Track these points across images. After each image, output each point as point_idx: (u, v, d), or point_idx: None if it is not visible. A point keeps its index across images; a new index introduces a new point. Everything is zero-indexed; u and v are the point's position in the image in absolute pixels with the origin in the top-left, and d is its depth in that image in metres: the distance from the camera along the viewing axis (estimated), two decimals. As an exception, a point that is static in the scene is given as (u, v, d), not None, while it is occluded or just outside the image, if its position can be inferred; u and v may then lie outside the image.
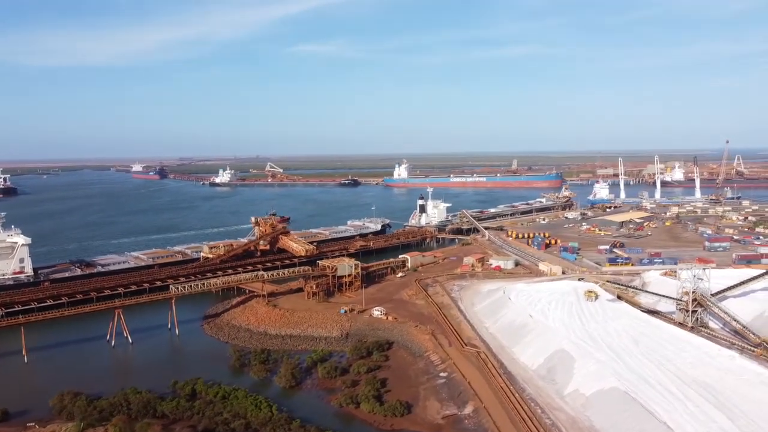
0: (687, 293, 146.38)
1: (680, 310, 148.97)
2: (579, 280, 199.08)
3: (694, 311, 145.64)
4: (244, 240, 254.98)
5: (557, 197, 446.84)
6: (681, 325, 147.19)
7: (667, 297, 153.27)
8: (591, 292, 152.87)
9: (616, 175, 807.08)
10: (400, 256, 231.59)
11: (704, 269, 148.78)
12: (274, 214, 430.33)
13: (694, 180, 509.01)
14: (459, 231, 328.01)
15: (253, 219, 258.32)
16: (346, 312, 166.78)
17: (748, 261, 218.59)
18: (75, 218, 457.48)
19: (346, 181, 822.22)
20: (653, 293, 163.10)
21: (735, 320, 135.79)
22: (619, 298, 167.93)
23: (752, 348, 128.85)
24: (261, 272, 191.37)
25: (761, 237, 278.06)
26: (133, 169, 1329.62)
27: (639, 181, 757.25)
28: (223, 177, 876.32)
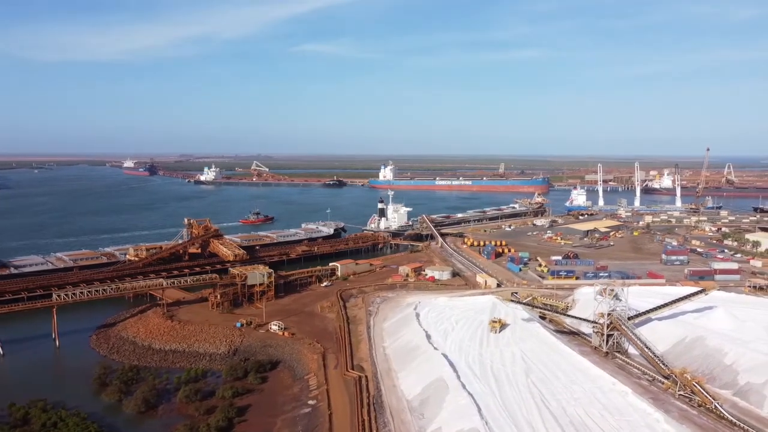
0: (602, 315, 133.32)
1: (596, 333, 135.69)
2: (512, 294, 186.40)
3: (609, 335, 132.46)
4: (170, 243, 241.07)
5: (530, 203, 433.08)
6: (596, 350, 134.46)
7: (581, 319, 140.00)
8: (496, 322, 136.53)
9: (606, 181, 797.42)
10: (330, 264, 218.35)
11: (623, 288, 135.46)
12: (257, 213, 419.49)
13: (683, 187, 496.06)
14: (419, 237, 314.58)
15: (186, 220, 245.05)
16: (242, 325, 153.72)
17: (701, 277, 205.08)
18: (34, 215, 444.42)
19: (331, 182, 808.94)
20: (568, 315, 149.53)
21: (646, 348, 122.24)
22: (542, 317, 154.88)
23: (662, 380, 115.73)
24: (161, 280, 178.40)
25: (726, 250, 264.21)
26: (125, 165, 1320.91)
27: (628, 188, 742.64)
28: (208, 175, 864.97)
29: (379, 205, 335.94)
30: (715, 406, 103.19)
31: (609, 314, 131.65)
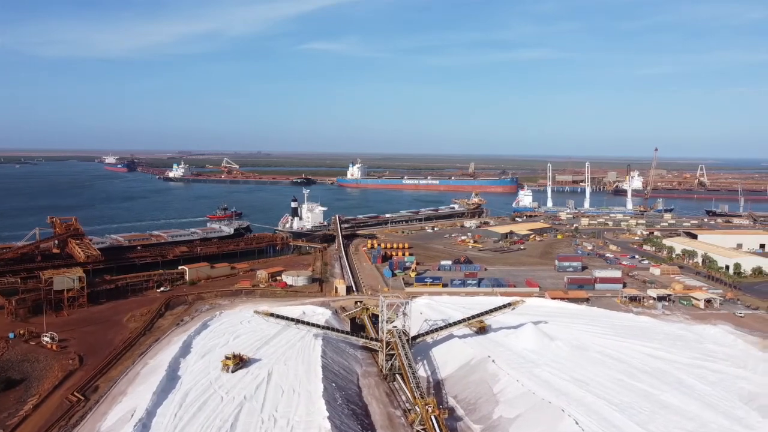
0: (384, 333, 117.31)
1: (380, 352, 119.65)
2: (356, 303, 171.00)
3: (391, 354, 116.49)
4: (20, 243, 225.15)
5: (467, 203, 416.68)
6: (381, 371, 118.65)
7: (357, 336, 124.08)
8: (230, 359, 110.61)
9: (576, 182, 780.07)
10: (179, 267, 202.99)
11: (407, 302, 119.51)
12: (225, 209, 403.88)
13: (657, 189, 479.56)
14: (332, 237, 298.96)
15: (48, 219, 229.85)
16: (15, 337, 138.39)
17: (580, 285, 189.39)
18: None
19: (299, 180, 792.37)
20: (341, 332, 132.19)
21: (408, 371, 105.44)
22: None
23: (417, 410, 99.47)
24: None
25: (637, 256, 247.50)
26: (106, 161, 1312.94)
27: (600, 189, 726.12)
28: (177, 171, 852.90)
29: (292, 204, 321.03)
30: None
31: (388, 331, 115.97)
